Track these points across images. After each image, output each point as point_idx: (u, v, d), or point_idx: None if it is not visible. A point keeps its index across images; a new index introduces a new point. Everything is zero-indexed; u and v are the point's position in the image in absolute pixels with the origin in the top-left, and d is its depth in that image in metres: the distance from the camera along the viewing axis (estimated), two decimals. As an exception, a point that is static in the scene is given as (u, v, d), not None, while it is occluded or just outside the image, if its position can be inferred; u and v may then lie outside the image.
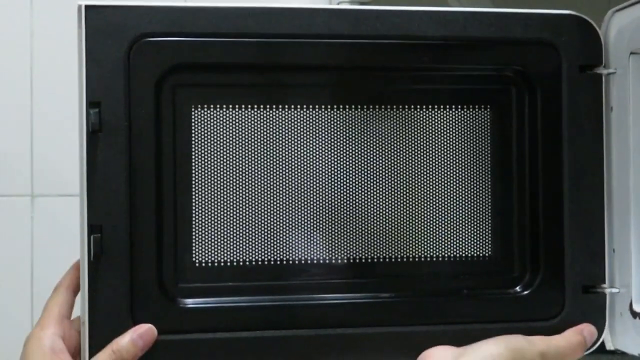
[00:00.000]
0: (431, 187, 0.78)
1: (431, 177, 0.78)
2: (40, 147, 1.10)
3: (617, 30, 0.77)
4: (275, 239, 0.75)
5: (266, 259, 0.75)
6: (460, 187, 0.78)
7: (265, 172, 0.75)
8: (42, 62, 1.10)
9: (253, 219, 0.75)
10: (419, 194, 0.77)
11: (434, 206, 0.78)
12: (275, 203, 0.75)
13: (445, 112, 0.78)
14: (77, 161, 0.72)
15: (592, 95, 0.78)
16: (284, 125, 0.76)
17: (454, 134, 0.78)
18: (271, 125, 0.75)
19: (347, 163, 0.76)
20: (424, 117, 0.78)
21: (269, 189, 0.75)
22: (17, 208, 1.09)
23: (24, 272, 1.09)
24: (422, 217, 0.77)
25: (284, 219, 0.75)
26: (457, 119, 0.78)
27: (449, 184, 0.78)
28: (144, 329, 0.71)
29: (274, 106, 0.75)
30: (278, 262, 0.75)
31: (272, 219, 0.75)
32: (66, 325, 0.74)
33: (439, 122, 0.78)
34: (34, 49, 1.10)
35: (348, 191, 0.76)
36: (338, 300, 0.76)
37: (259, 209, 0.75)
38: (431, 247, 0.78)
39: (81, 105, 0.71)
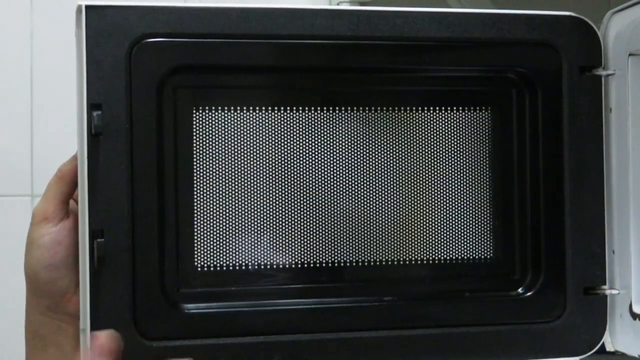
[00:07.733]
0: (432, 189, 0.77)
1: (432, 179, 0.77)
2: (40, 147, 1.10)
3: (616, 31, 0.77)
4: (279, 242, 0.75)
5: (269, 263, 0.75)
6: (461, 189, 0.78)
7: (268, 175, 0.74)
8: (42, 62, 1.10)
9: (256, 222, 0.74)
10: (420, 197, 0.77)
11: (435, 208, 0.77)
12: (277, 205, 0.75)
13: (445, 114, 0.77)
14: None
15: (592, 96, 0.77)
16: (286, 128, 0.75)
17: (454, 136, 0.77)
18: (274, 128, 0.75)
19: (350, 165, 0.76)
20: (424, 119, 0.77)
21: (271, 191, 0.74)
22: (17, 208, 1.09)
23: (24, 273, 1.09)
24: (423, 219, 0.77)
25: (287, 221, 0.75)
26: (457, 120, 0.78)
27: (449, 185, 0.77)
28: None
29: (277, 108, 0.75)
30: (281, 266, 0.75)
31: (274, 222, 0.74)
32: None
33: (439, 124, 0.77)
34: (34, 49, 1.10)
35: (349, 194, 0.76)
36: (343, 304, 0.75)
37: (262, 211, 0.74)
38: (432, 249, 0.77)
39: (81, 107, 0.70)
